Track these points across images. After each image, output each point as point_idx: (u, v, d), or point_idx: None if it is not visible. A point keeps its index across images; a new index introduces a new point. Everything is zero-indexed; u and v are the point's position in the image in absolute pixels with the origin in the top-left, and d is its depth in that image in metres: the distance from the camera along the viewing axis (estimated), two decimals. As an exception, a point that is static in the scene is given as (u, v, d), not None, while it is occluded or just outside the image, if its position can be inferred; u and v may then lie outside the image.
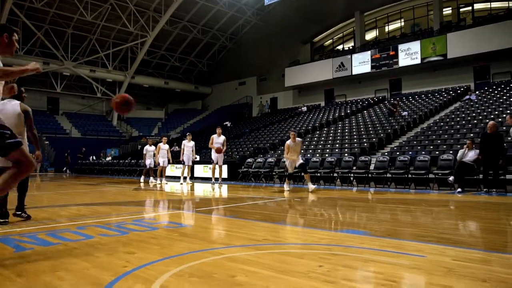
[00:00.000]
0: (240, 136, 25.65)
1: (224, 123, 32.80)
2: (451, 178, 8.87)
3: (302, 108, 29.27)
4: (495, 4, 25.33)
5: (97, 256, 3.05)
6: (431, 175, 9.88)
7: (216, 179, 12.06)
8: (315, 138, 19.31)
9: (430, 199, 7.69)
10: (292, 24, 32.02)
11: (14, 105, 4.65)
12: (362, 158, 11.40)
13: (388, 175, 10.57)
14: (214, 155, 11.72)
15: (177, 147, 14.89)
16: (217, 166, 11.87)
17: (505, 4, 24.83)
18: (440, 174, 9.30)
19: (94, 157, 30.31)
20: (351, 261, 2.84)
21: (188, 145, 13.23)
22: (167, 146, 13.83)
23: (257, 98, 36.10)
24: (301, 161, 9.61)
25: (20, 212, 5.03)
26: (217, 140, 11.69)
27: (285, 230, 4.56)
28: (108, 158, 27.82)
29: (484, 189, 8.58)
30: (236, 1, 32.12)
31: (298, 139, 9.62)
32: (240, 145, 22.47)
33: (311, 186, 9.33)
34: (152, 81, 38.30)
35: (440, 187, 9.51)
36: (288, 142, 9.51)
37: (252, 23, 35.45)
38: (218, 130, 11.89)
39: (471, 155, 8.96)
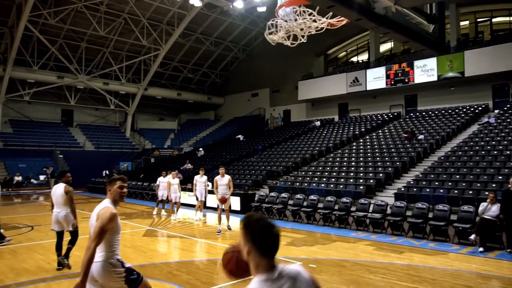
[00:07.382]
0: (252, 154, 25.44)
1: (237, 136, 32.64)
2: (473, 236, 8.51)
3: (316, 123, 28.89)
4: (515, 19, 24.60)
5: None
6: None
7: (228, 226, 10.95)
8: (329, 163, 19.00)
9: (443, 274, 7.37)
10: (306, 36, 31.57)
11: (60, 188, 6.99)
12: (378, 201, 11.09)
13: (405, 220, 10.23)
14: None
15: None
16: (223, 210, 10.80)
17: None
18: (460, 228, 8.94)
19: (108, 172, 30.41)
20: None
21: (200, 181, 12.93)
22: (177, 181, 13.63)
23: (270, 110, 35.81)
24: None
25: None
26: (221, 182, 10.61)
27: None
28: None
29: (508, 250, 8.20)
30: (248, 13, 31.78)
31: None
32: (252, 165, 22.25)
33: None
34: (165, 93, 38.37)
35: (460, 239, 9.14)
36: None
37: (265, 34, 35.11)
38: (221, 170, 10.83)
39: (493, 209, 8.58)
